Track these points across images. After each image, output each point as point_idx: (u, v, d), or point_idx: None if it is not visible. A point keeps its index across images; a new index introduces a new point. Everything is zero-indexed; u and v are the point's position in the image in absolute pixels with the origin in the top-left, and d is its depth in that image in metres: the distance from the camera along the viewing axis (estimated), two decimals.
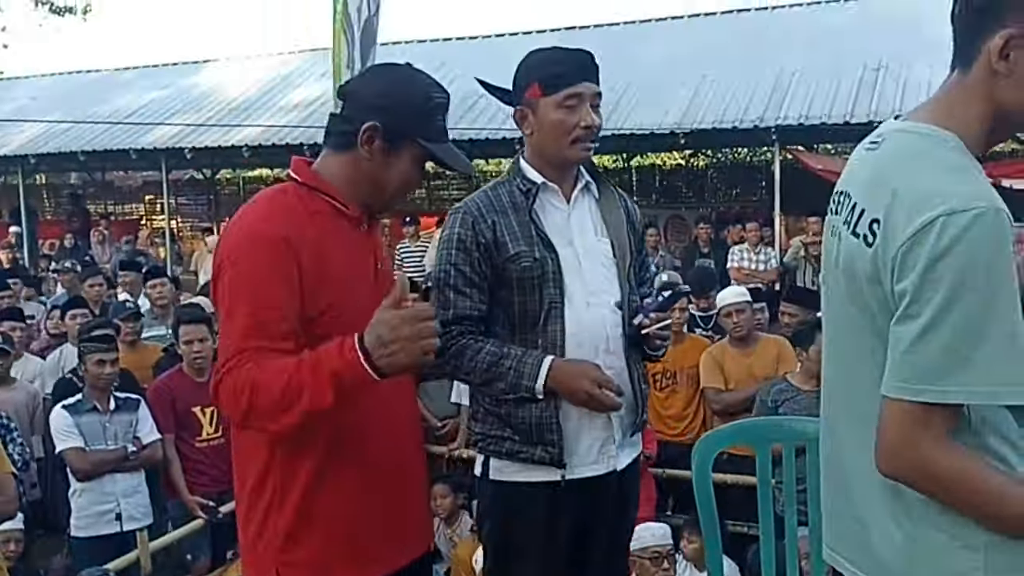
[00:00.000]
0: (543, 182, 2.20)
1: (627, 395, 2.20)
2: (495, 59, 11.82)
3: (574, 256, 2.18)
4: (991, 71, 1.33)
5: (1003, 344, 1.24)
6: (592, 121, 2.13)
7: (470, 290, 2.16)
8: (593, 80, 2.16)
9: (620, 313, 2.21)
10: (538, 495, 2.16)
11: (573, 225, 2.22)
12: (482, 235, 2.15)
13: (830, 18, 11.66)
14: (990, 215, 1.24)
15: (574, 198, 2.25)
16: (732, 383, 4.99)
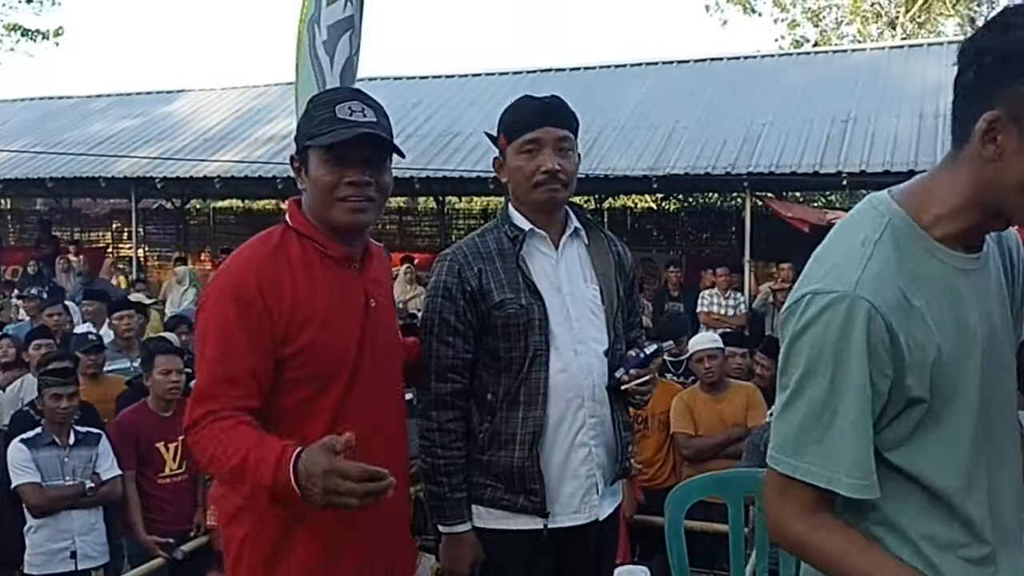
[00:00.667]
0: (530, 228, 2.19)
1: (609, 443, 2.20)
2: (469, 98, 11.99)
3: (561, 303, 2.17)
4: (978, 154, 1.24)
5: (844, 432, 1.25)
6: (551, 166, 2.11)
7: (453, 339, 2.15)
8: (556, 124, 2.14)
9: (606, 361, 2.19)
10: (519, 543, 2.13)
11: (561, 271, 2.21)
12: (468, 283, 2.14)
13: (800, 70, 11.91)
14: (844, 302, 1.24)
15: (563, 244, 2.23)
16: (702, 429, 4.98)
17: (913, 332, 1.26)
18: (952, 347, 1.29)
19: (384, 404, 2.00)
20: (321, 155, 1.88)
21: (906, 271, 1.28)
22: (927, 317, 1.28)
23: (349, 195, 1.88)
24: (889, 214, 1.33)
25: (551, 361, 2.12)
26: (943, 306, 1.30)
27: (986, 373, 1.32)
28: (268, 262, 1.89)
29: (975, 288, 1.33)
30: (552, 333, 2.13)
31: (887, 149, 9.43)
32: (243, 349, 1.81)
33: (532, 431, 2.11)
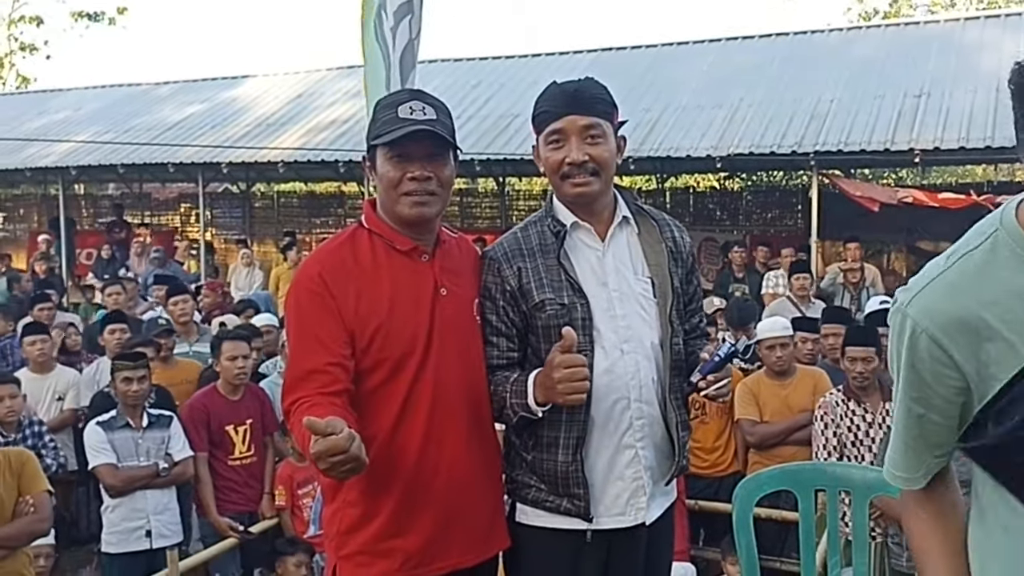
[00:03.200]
0: (574, 222, 2.13)
1: (662, 443, 2.14)
2: (529, 79, 11.93)
3: (608, 299, 2.10)
4: None
5: (895, 439, 1.43)
6: (576, 157, 2.04)
7: (496, 339, 2.13)
8: (582, 112, 2.05)
9: (658, 356, 2.13)
10: (564, 542, 2.10)
11: (608, 265, 2.14)
12: (507, 282, 2.11)
13: (869, 44, 11.55)
14: (897, 316, 1.32)
15: (610, 235, 2.15)
16: (768, 415, 4.91)
17: (983, 352, 1.22)
18: None
19: (459, 388, 2.06)
20: (386, 153, 2.02)
21: (995, 286, 1.21)
22: (1011, 336, 1.20)
23: (412, 189, 2.01)
24: (1000, 225, 1.25)
25: (596, 361, 2.05)
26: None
27: None
28: (334, 255, 2.06)
29: None
30: (597, 331, 2.07)
31: (962, 125, 9.09)
32: (320, 337, 1.95)
33: (577, 435, 2.06)
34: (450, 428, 2.04)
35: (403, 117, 1.98)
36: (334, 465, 1.63)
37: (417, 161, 2.00)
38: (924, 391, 1.32)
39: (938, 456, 1.40)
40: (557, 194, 2.17)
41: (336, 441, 1.60)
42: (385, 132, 1.99)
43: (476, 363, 2.12)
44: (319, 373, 1.91)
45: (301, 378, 1.92)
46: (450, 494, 2.04)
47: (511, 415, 2.09)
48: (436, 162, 2.02)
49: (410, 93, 2.10)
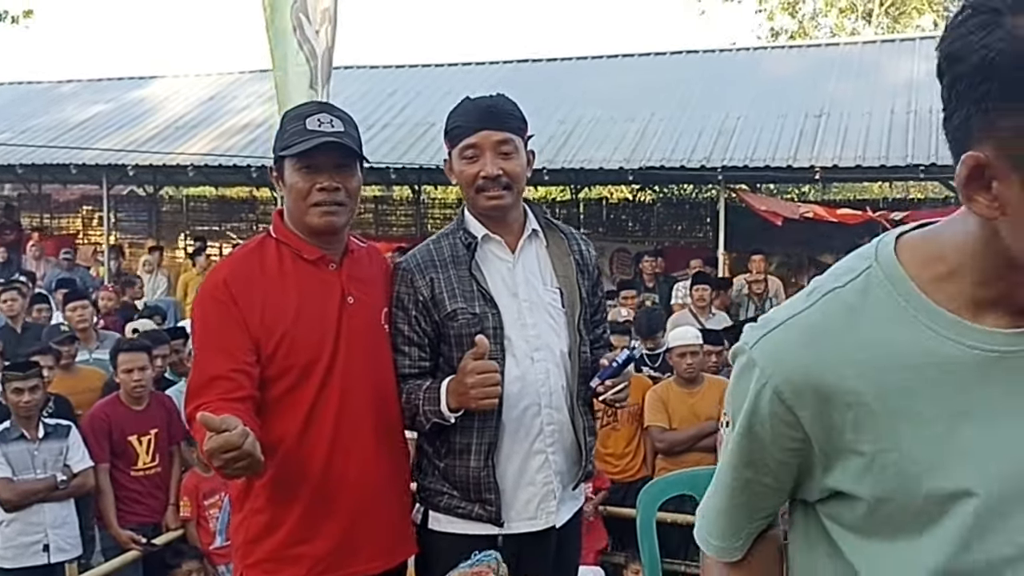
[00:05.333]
0: (485, 234, 2.18)
1: (571, 448, 2.20)
2: (446, 88, 11.94)
3: (518, 309, 2.16)
4: (969, 206, 0.92)
5: (712, 492, 1.20)
6: (491, 171, 2.09)
7: (408, 348, 2.16)
8: (495, 127, 2.11)
9: (567, 364, 2.19)
10: (475, 547, 2.13)
11: (519, 276, 2.19)
12: (420, 293, 2.14)
13: (775, 64, 11.98)
14: (743, 356, 1.06)
15: (520, 247, 2.21)
16: (676, 422, 5.04)
17: (839, 417, 0.99)
18: (925, 454, 0.97)
19: (367, 396, 2.09)
20: (294, 164, 2.05)
21: (864, 336, 0.98)
22: (876, 404, 0.98)
23: (321, 200, 2.04)
24: (876, 261, 1.02)
25: (507, 369, 2.11)
26: (920, 394, 0.97)
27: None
28: (241, 264, 2.11)
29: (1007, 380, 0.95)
30: (508, 340, 2.13)
31: (859, 144, 9.52)
32: (224, 345, 1.97)
33: (488, 441, 2.11)
34: (357, 435, 2.07)
35: (311, 129, 2.01)
36: (227, 462, 1.64)
37: (325, 172, 2.03)
38: (759, 454, 1.07)
39: (765, 518, 1.18)
40: (470, 207, 2.22)
41: (229, 437, 1.61)
42: (293, 143, 2.01)
43: (384, 371, 2.14)
44: (222, 379, 1.92)
45: (204, 384, 1.93)
46: (357, 500, 2.07)
47: (424, 422, 2.12)
48: (344, 173, 2.06)
49: (318, 105, 2.16)
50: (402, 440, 2.23)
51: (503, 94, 2.23)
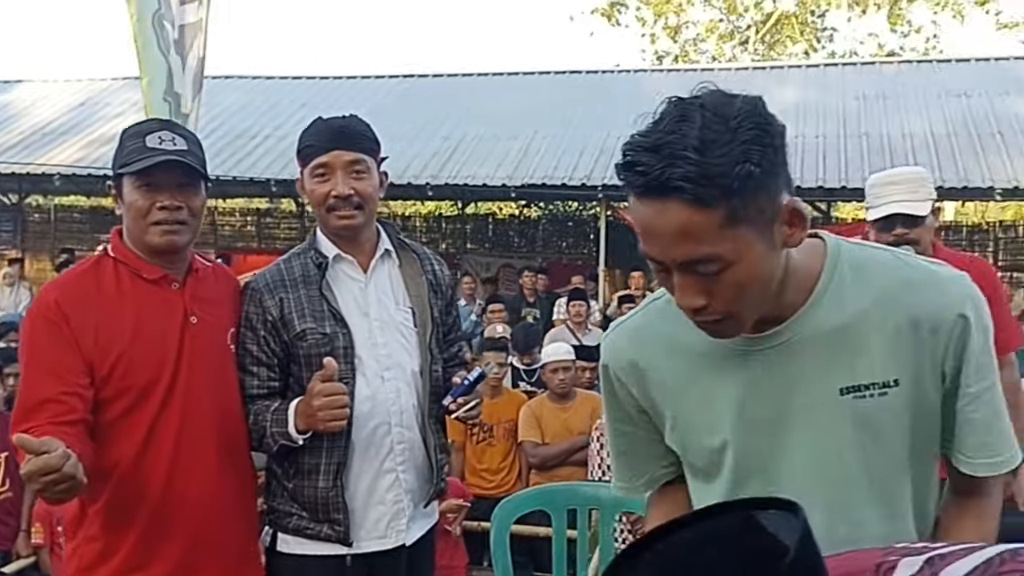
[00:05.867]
0: (337, 254, 2.19)
1: (422, 466, 2.22)
2: (331, 100, 11.82)
3: (369, 328, 2.17)
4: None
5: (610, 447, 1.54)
6: (342, 190, 2.10)
7: (257, 368, 2.14)
8: (346, 147, 2.12)
9: (418, 383, 2.21)
10: (323, 568, 2.14)
11: (370, 295, 2.20)
12: (269, 313, 2.12)
13: (656, 86, 12.34)
14: (602, 344, 1.46)
15: (372, 267, 2.22)
16: (549, 437, 5.11)
17: (650, 390, 1.37)
18: (701, 418, 1.32)
19: (210, 417, 2.05)
20: (134, 182, 2.00)
21: (663, 334, 1.33)
22: (669, 382, 1.34)
23: (162, 219, 1.99)
24: None
25: (357, 389, 2.12)
26: (697, 375, 1.30)
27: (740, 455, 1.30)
28: (75, 283, 2.06)
29: (752, 370, 1.26)
30: (359, 359, 2.13)
31: None
32: (54, 367, 1.91)
33: (337, 461, 2.11)
34: (199, 456, 2.03)
35: (151, 147, 1.97)
36: (47, 485, 1.59)
37: (167, 191, 1.99)
38: (621, 411, 1.44)
39: (665, 466, 1.46)
40: (322, 226, 2.22)
41: (48, 460, 1.56)
42: (133, 161, 1.97)
43: (229, 392, 2.11)
44: (52, 403, 1.85)
45: (32, 408, 1.86)
46: (198, 523, 2.02)
47: (271, 444, 2.10)
48: (187, 192, 2.02)
49: (159, 123, 2.09)
50: (248, 462, 2.19)
51: (356, 115, 2.24)
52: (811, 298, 1.22)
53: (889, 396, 1.22)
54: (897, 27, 22.02)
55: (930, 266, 1.26)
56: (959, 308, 1.20)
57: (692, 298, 1.14)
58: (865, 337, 1.21)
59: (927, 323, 1.21)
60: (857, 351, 1.22)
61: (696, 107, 1.08)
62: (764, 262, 1.13)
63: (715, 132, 1.06)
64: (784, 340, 1.23)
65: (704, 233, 1.08)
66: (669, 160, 1.05)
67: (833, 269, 1.23)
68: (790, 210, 1.14)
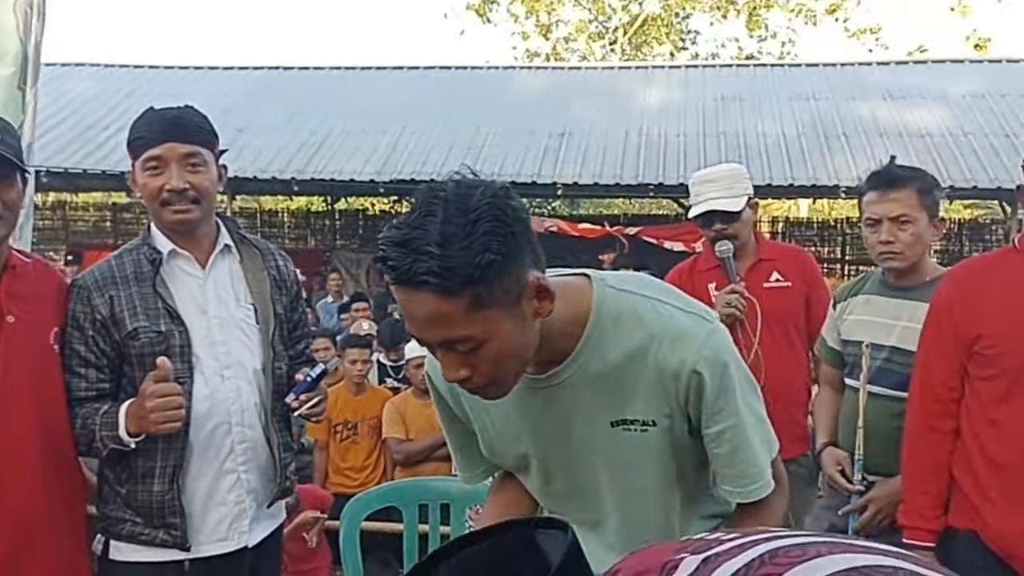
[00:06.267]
0: (172, 249, 2.12)
1: (266, 465, 2.17)
2: (190, 91, 11.41)
3: (207, 326, 2.10)
4: None
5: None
6: (177, 184, 2.03)
7: (85, 370, 2.05)
8: (181, 139, 2.05)
9: (260, 381, 2.16)
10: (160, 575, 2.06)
11: (209, 292, 2.13)
12: (98, 311, 2.04)
13: (525, 83, 12.49)
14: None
15: (211, 263, 2.16)
16: (413, 433, 5.09)
17: (461, 402, 1.53)
18: (505, 433, 1.51)
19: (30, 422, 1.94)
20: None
21: None
22: (471, 400, 1.49)
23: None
24: None
25: (196, 388, 2.06)
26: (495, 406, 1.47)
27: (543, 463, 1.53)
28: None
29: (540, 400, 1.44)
30: (196, 358, 2.07)
31: (598, 163, 10.13)
32: None
33: (174, 464, 2.04)
34: (17, 464, 1.92)
35: None
36: None
37: None
38: (448, 411, 1.58)
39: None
40: (156, 221, 2.14)
41: None
42: None
43: (52, 395, 2.01)
44: None
45: None
46: (19, 534, 1.92)
47: (101, 448, 2.02)
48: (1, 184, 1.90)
49: None
50: (74, 470, 2.09)
51: (192, 107, 2.16)
52: (578, 346, 1.37)
53: (650, 433, 1.41)
54: (755, 32, 23.03)
55: (678, 321, 1.38)
56: (693, 365, 1.35)
57: (455, 372, 1.26)
58: (627, 381, 1.39)
59: (670, 374, 1.37)
60: (622, 392, 1.39)
61: (440, 201, 1.16)
62: (515, 336, 1.24)
63: (455, 226, 1.15)
64: (561, 380, 1.40)
65: (453, 318, 1.18)
66: (415, 256, 1.14)
67: (596, 320, 1.37)
68: (536, 287, 1.24)
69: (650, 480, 1.46)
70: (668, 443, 1.42)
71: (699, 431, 1.42)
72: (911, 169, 2.48)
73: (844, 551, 0.83)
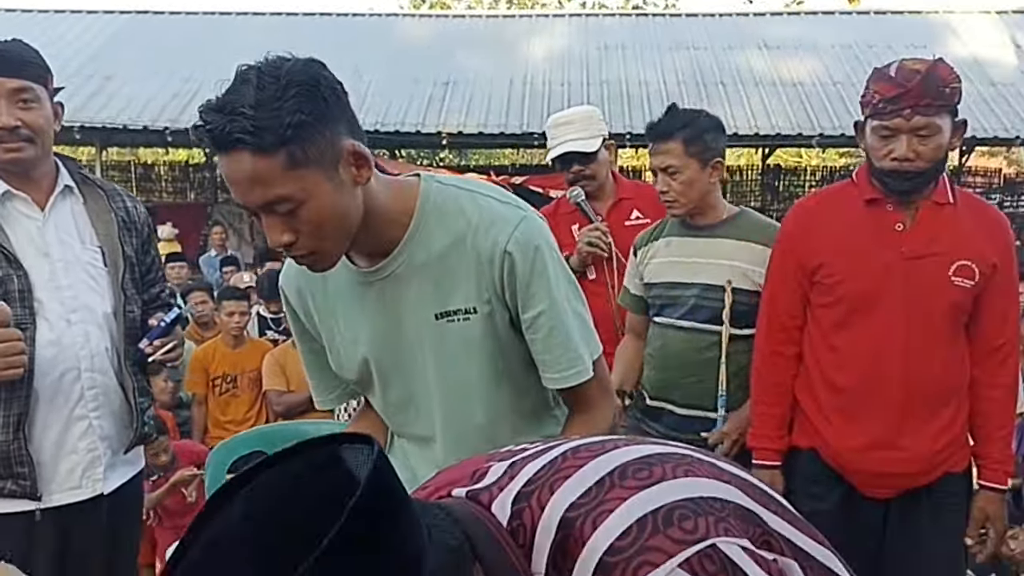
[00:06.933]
0: (7, 191, 2.02)
1: (120, 411, 2.13)
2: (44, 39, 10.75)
3: (51, 270, 2.03)
4: None
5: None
6: (8, 121, 1.95)
7: None
8: (9, 74, 1.96)
9: (111, 325, 2.11)
10: (11, 526, 2.00)
11: (50, 235, 2.05)
12: None
13: (409, 31, 12.27)
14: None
15: (51, 205, 2.07)
16: (295, 384, 5.04)
17: (311, 312, 1.58)
18: (348, 336, 1.54)
19: None
20: None
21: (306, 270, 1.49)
22: (321, 307, 1.55)
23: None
24: None
25: (39, 334, 1.99)
26: (333, 300, 1.53)
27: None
28: None
29: (374, 295, 1.48)
30: (39, 303, 2.00)
31: (482, 112, 10.09)
32: None
33: (18, 412, 1.97)
34: None
35: None
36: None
37: None
38: (304, 331, 1.63)
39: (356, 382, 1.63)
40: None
41: None
42: None
43: None
44: None
45: None
46: None
47: None
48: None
49: None
50: None
51: (21, 40, 2.05)
52: (404, 237, 1.43)
53: (472, 321, 1.45)
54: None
55: (494, 209, 1.44)
56: (504, 245, 1.41)
57: (278, 236, 1.28)
58: (450, 271, 1.43)
59: (486, 258, 1.42)
60: (444, 283, 1.44)
61: (254, 70, 1.22)
62: (335, 201, 1.28)
63: (268, 90, 1.20)
64: (389, 272, 1.45)
65: (270, 177, 1.22)
66: (229, 118, 1.19)
67: (421, 212, 1.43)
68: (352, 152, 1.29)
69: (474, 374, 1.48)
70: (491, 333, 1.45)
71: (519, 322, 1.46)
72: (687, 115, 2.49)
73: (639, 444, 0.88)
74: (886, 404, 2.09)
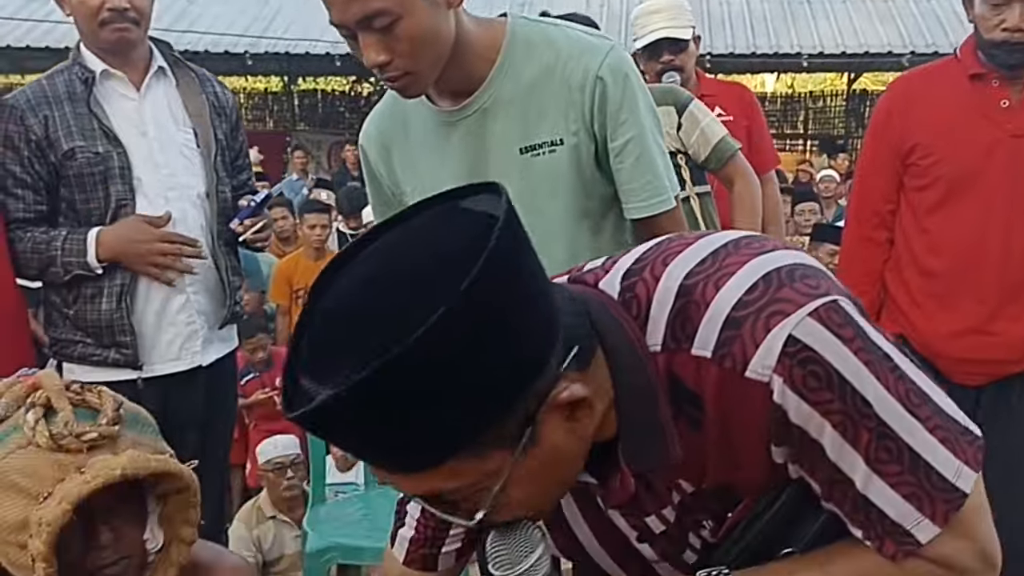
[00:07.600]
0: (104, 69, 2.08)
1: (214, 288, 2.19)
2: None
3: (148, 148, 2.09)
4: None
5: None
6: (119, 3, 2.00)
7: (22, 191, 2.04)
8: None
9: (205, 204, 2.16)
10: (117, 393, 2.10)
11: (147, 114, 2.11)
12: (32, 131, 2.01)
13: None
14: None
15: (146, 86, 2.13)
16: None
17: (393, 166, 1.56)
18: (426, 184, 1.48)
19: None
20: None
21: (394, 113, 1.53)
22: (405, 155, 1.55)
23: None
24: None
25: (139, 209, 2.06)
26: (417, 149, 1.52)
27: None
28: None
29: (458, 136, 1.47)
30: (138, 180, 2.06)
31: None
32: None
33: (120, 283, 2.06)
34: None
35: None
36: None
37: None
38: (382, 194, 1.63)
39: None
40: (89, 41, 2.09)
41: None
42: None
43: None
44: None
45: None
46: None
47: (60, 272, 2.03)
48: None
49: None
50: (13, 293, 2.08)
51: None
52: (492, 71, 1.43)
53: (558, 153, 1.45)
54: None
55: (582, 37, 1.45)
56: (596, 71, 1.41)
57: (375, 55, 1.29)
58: (538, 103, 1.43)
59: (576, 86, 1.42)
60: (532, 115, 1.44)
61: None
62: (429, 17, 1.29)
63: None
64: (476, 109, 1.45)
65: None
66: None
67: (510, 44, 1.43)
68: None
69: (558, 209, 1.47)
70: (575, 167, 1.46)
71: (606, 153, 1.47)
72: None
73: (792, 248, 0.86)
74: (981, 288, 2.03)
